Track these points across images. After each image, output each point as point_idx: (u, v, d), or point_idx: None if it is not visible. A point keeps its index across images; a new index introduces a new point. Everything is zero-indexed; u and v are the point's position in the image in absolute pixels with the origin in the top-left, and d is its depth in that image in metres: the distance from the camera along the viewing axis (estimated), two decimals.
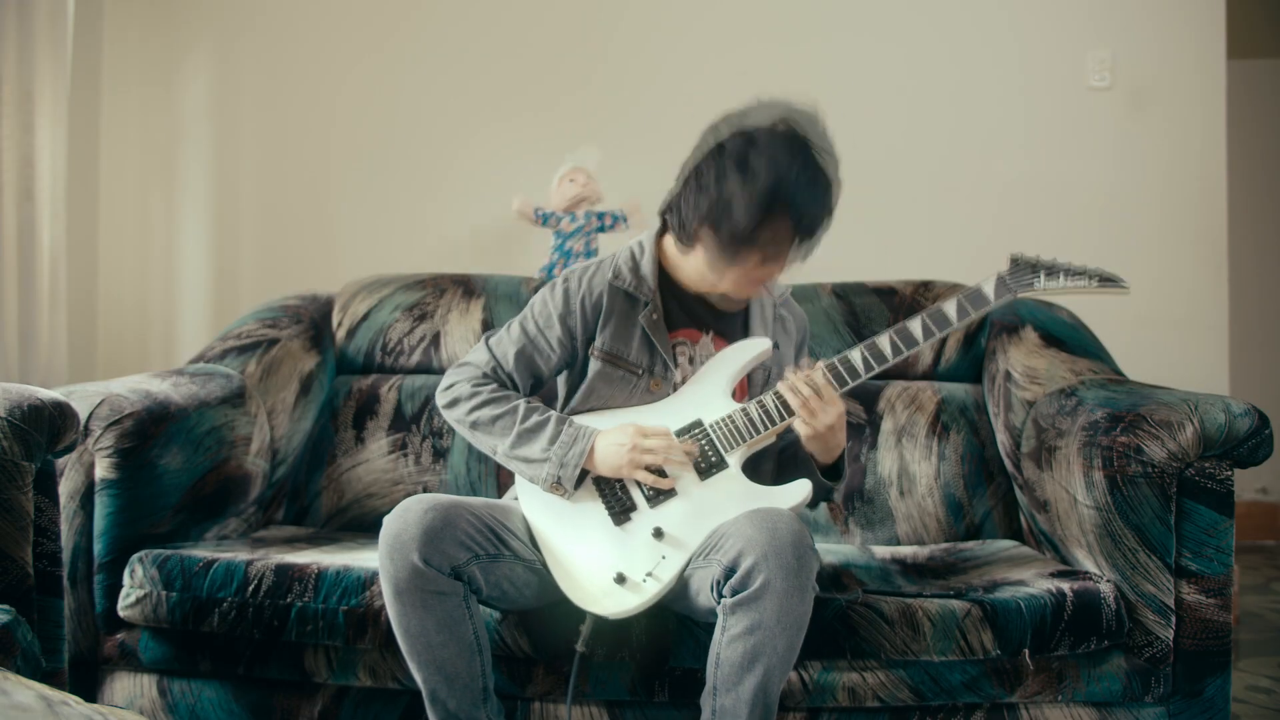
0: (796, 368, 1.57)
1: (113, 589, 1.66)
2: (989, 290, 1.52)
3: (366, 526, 2.07)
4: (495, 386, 1.60)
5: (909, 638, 1.51)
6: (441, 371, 2.15)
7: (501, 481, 2.09)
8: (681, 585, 1.46)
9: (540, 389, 1.67)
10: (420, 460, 2.12)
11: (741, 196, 1.43)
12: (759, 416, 1.52)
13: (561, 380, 1.68)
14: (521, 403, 1.57)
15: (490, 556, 1.45)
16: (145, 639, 1.65)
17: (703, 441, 1.53)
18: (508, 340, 1.63)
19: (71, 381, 2.54)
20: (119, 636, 1.67)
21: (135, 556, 1.65)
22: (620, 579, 1.44)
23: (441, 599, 1.39)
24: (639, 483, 1.52)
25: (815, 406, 1.48)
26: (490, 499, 1.74)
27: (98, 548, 1.67)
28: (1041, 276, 1.51)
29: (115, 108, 2.98)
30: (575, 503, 1.53)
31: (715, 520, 1.45)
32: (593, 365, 1.60)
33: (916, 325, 1.52)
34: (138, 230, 2.99)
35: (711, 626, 1.39)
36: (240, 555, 1.66)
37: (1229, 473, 1.55)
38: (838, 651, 1.53)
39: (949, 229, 2.75)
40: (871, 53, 2.78)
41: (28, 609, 1.37)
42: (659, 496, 1.51)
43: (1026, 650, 1.52)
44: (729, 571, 1.34)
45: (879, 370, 1.52)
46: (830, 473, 1.59)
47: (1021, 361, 2.03)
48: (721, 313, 1.65)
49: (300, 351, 2.17)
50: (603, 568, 1.47)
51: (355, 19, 2.92)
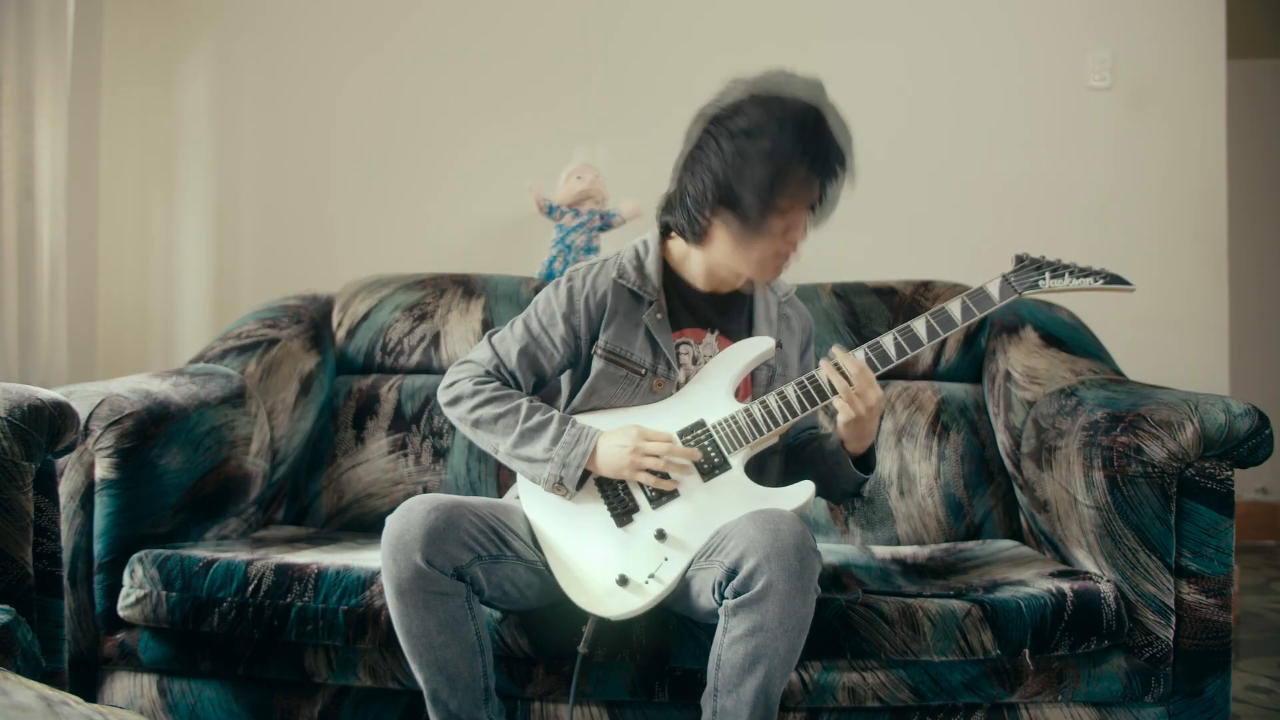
0: (818, 361, 1.55)
1: (113, 589, 1.66)
2: (994, 290, 1.51)
3: (366, 526, 2.07)
4: (498, 385, 1.59)
5: (909, 638, 1.51)
6: (442, 371, 2.16)
7: (501, 481, 2.09)
8: (683, 586, 1.46)
9: (543, 388, 1.66)
10: (420, 460, 2.12)
11: (750, 164, 1.42)
12: (762, 417, 1.52)
13: (565, 379, 1.68)
14: (524, 402, 1.56)
15: (493, 557, 1.44)
16: (145, 639, 1.65)
17: (705, 443, 1.52)
18: (511, 338, 1.63)
19: (71, 381, 2.55)
20: (119, 636, 1.67)
21: (135, 556, 1.65)
22: (623, 580, 1.44)
23: (444, 599, 1.39)
24: (641, 484, 1.51)
25: (862, 386, 1.47)
26: (492, 499, 1.73)
27: (98, 548, 1.67)
28: (1046, 276, 1.50)
29: (115, 108, 2.98)
30: (577, 503, 1.53)
31: (718, 522, 1.44)
32: (596, 364, 1.59)
33: (921, 326, 1.51)
34: (138, 230, 2.99)
35: (712, 628, 1.39)
36: (240, 555, 1.66)
37: (1229, 473, 1.55)
38: (838, 651, 1.53)
39: (949, 229, 2.74)
40: (871, 53, 2.77)
41: (28, 609, 1.37)
42: (661, 498, 1.50)
43: (1026, 650, 1.52)
44: (731, 573, 1.34)
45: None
46: (861, 464, 1.59)
47: (1022, 361, 2.03)
48: (726, 312, 1.65)
49: (300, 351, 2.17)
50: (605, 569, 1.47)
51: (355, 19, 2.92)
